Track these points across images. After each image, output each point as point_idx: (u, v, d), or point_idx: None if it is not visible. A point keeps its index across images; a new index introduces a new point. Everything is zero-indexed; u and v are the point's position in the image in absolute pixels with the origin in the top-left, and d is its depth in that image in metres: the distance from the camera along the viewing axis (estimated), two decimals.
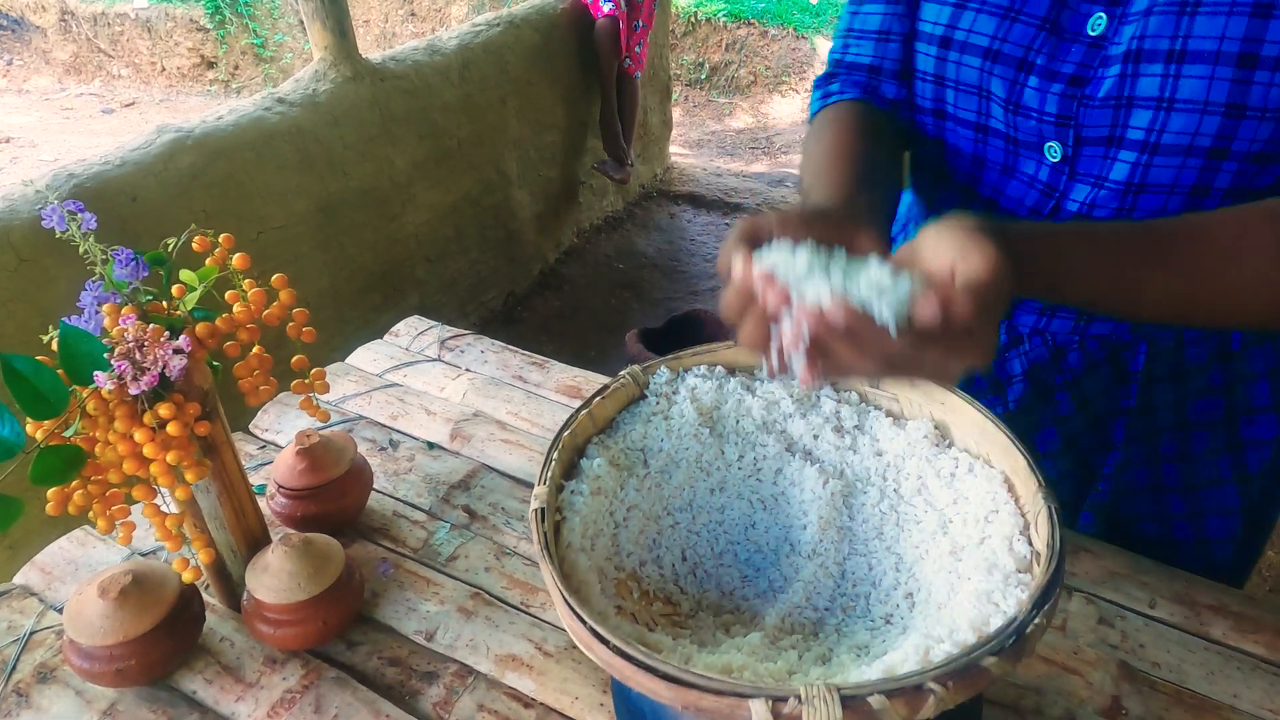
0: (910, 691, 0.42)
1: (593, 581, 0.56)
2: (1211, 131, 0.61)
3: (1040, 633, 0.46)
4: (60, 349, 0.61)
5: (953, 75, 0.74)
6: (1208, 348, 0.77)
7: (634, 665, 0.46)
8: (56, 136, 5.32)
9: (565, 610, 0.50)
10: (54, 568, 0.81)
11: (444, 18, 6.22)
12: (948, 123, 0.77)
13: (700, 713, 0.45)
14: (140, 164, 1.90)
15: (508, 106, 3.01)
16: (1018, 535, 0.54)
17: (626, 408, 0.68)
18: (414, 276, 2.76)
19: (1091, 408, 0.82)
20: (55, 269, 1.67)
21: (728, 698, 0.43)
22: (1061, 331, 0.79)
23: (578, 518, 0.59)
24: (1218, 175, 0.64)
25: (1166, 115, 0.62)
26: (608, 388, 0.66)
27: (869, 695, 0.42)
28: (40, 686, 0.70)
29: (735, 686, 0.44)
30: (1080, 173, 0.70)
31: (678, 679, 0.44)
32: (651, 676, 0.45)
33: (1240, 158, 0.62)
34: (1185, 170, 0.64)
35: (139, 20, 6.11)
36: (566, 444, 0.62)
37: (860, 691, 0.42)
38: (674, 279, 3.49)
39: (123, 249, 0.63)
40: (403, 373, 1.07)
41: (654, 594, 0.63)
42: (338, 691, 0.69)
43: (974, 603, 0.50)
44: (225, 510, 0.72)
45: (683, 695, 0.44)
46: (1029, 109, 0.69)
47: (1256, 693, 0.67)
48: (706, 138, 5.06)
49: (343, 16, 2.34)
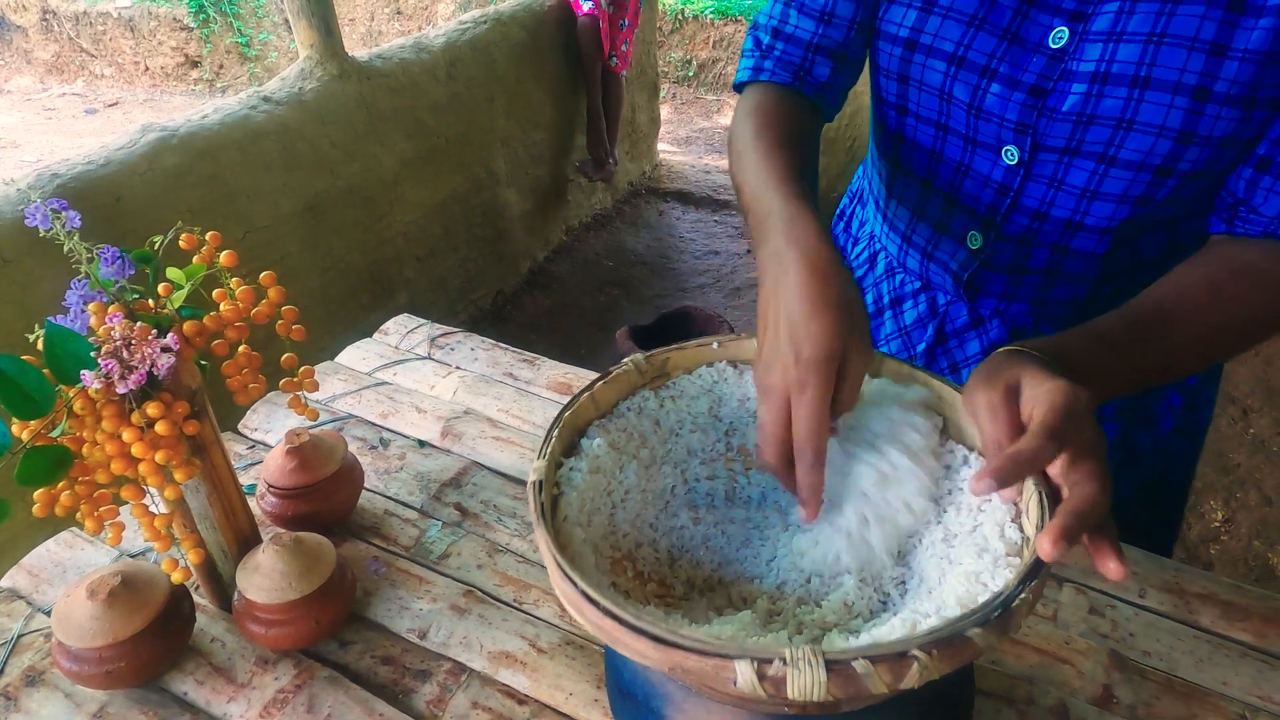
0: (894, 658, 0.43)
1: (587, 554, 0.56)
2: (1163, 153, 0.66)
3: (1027, 608, 0.46)
4: (46, 348, 0.60)
5: (917, 76, 0.75)
6: None
7: (623, 626, 0.46)
8: (39, 137, 5.27)
9: (557, 573, 0.50)
10: (41, 570, 0.80)
11: (430, 15, 6.19)
12: (908, 119, 0.79)
13: (686, 674, 0.45)
14: (125, 163, 1.88)
15: (495, 105, 3.00)
16: (1009, 522, 0.54)
17: (628, 395, 0.68)
18: (402, 275, 2.75)
19: None
20: (39, 270, 1.66)
21: (713, 659, 0.44)
22: (1020, 314, 0.82)
23: (575, 494, 0.59)
24: (1160, 190, 0.69)
25: (1125, 134, 0.66)
26: (610, 373, 0.66)
27: (853, 660, 0.43)
28: (29, 690, 0.69)
29: (721, 648, 0.44)
30: (1036, 174, 0.72)
31: (665, 639, 0.45)
32: (639, 637, 0.45)
33: (1181, 176, 0.67)
34: (1135, 183, 0.69)
35: (122, 19, 6.05)
36: (568, 423, 0.62)
37: (845, 656, 0.43)
38: (663, 276, 3.49)
39: (108, 247, 0.63)
40: (393, 371, 1.07)
41: (648, 575, 0.63)
42: (330, 691, 0.68)
43: (963, 583, 0.50)
44: (215, 510, 0.71)
45: (669, 656, 0.44)
46: (990, 114, 0.71)
47: (1245, 679, 0.68)
48: (695, 135, 5.06)
49: (329, 14, 2.32)
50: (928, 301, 0.87)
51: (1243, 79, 0.62)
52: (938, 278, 0.85)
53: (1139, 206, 0.70)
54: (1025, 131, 0.70)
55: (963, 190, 0.78)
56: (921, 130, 0.78)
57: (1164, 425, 0.87)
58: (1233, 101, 0.62)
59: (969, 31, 0.71)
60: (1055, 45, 0.68)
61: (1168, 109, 0.64)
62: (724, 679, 0.44)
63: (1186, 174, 0.67)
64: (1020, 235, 0.76)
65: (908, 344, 0.89)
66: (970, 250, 0.80)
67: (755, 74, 0.83)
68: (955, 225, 0.80)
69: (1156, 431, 0.87)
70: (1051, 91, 0.68)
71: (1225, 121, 0.63)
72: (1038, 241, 0.76)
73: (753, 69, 0.83)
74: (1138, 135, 0.66)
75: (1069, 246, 0.75)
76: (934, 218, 0.82)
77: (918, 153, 0.80)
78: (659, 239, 3.76)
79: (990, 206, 0.76)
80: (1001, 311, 0.83)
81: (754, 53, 0.84)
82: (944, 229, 0.81)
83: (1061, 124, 0.68)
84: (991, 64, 0.70)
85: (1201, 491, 2.18)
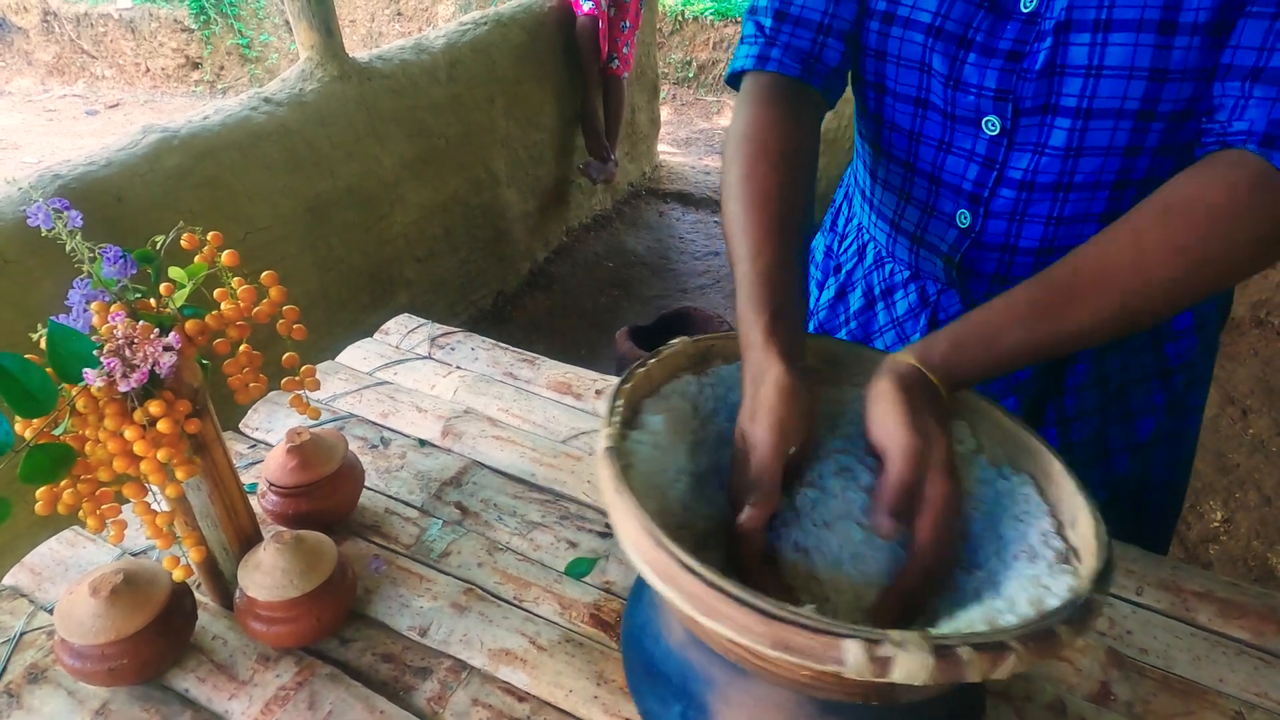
0: (995, 647, 0.44)
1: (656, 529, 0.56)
2: (1139, 95, 0.64)
3: (1100, 609, 0.48)
4: (49, 347, 0.60)
5: (895, 50, 0.74)
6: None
7: (728, 599, 0.45)
8: (40, 138, 5.28)
9: (647, 542, 0.49)
10: (43, 568, 0.81)
11: (430, 17, 6.20)
12: (887, 98, 0.78)
13: (789, 650, 0.44)
14: (126, 164, 1.88)
15: (496, 105, 3.01)
16: (1053, 533, 0.56)
17: (672, 376, 0.68)
18: (403, 276, 2.76)
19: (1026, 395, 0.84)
20: (40, 270, 1.66)
21: (823, 636, 0.44)
22: None
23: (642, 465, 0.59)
24: (1147, 136, 0.67)
25: (1096, 82, 0.65)
26: (662, 351, 0.67)
27: (958, 647, 0.44)
28: (31, 687, 0.70)
29: (832, 626, 0.44)
30: (1019, 142, 0.72)
31: (775, 614, 0.45)
32: (746, 611, 0.45)
33: (1166, 118, 0.65)
34: (1118, 133, 0.67)
35: (122, 21, 6.06)
36: (627, 395, 0.62)
37: (950, 642, 0.44)
38: (663, 277, 3.49)
39: (111, 246, 0.63)
40: (393, 370, 1.07)
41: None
42: (331, 688, 0.69)
43: (1024, 586, 0.52)
44: (217, 508, 0.71)
45: (776, 631, 0.44)
46: (968, 84, 0.71)
47: (1242, 676, 0.68)
48: (695, 136, 5.06)
49: (329, 15, 2.33)
50: (918, 291, 0.86)
51: (1209, 3, 0.60)
52: (928, 264, 0.84)
53: (1128, 158, 0.69)
54: (1005, 98, 0.70)
55: (946, 168, 0.77)
56: (900, 109, 0.77)
57: (1142, 426, 0.86)
58: (1202, 29, 0.60)
59: (946, 2, 0.70)
60: (1026, 9, 0.68)
61: (1134, 48, 0.62)
62: (830, 657, 0.44)
63: (1171, 115, 0.65)
64: (1009, 209, 0.75)
65: (901, 335, 0.88)
66: (960, 230, 0.79)
67: (760, 62, 0.77)
68: (942, 205, 0.79)
69: (1132, 433, 0.86)
70: (1027, 54, 0.68)
71: (1198, 52, 0.61)
72: (1028, 215, 0.75)
73: (757, 56, 0.77)
74: (1109, 81, 0.64)
75: (1061, 215, 0.74)
76: (920, 200, 0.81)
77: (897, 134, 0.79)
78: (659, 240, 3.77)
79: (976, 182, 0.75)
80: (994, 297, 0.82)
81: (756, 38, 0.78)
82: (931, 211, 0.80)
83: (1036, 83, 0.68)
84: (969, 33, 0.70)
85: (1201, 491, 2.18)
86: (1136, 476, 0.88)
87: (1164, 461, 0.90)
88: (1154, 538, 0.95)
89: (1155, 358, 0.83)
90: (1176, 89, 0.64)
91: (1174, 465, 0.92)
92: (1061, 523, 0.57)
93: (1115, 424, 0.86)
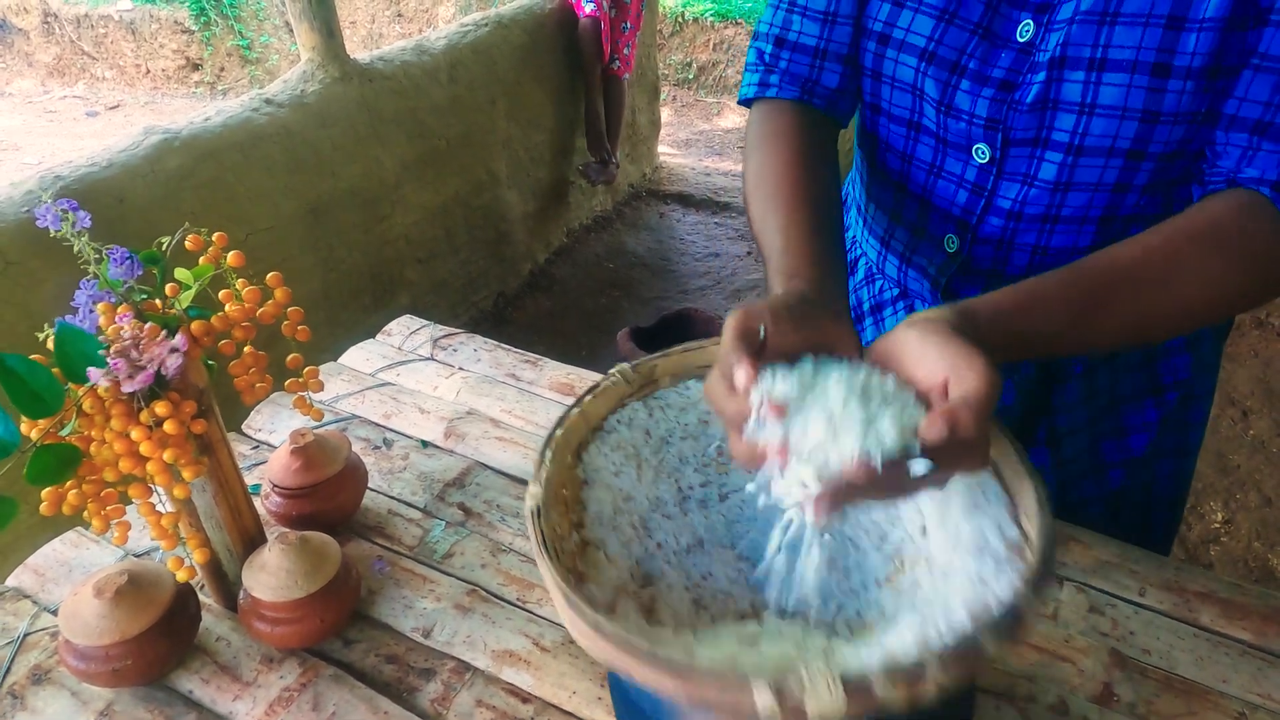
0: (910, 672, 0.43)
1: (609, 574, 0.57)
2: (1130, 135, 0.65)
3: (1034, 613, 0.46)
4: (56, 348, 0.61)
5: (889, 72, 0.74)
6: None
7: (636, 656, 0.46)
8: (40, 140, 5.28)
9: (561, 602, 0.50)
10: (47, 569, 0.81)
11: (431, 18, 6.21)
12: (882, 118, 0.78)
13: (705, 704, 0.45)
14: (127, 166, 1.89)
15: (496, 107, 3.01)
16: (1006, 521, 0.54)
17: (618, 406, 0.68)
18: (404, 277, 2.76)
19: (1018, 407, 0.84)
20: (43, 271, 1.66)
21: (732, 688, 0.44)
22: None
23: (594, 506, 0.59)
24: (1137, 174, 0.67)
25: (1089, 119, 0.65)
26: (599, 385, 0.67)
27: (870, 678, 0.43)
28: (35, 688, 0.70)
29: (738, 676, 0.44)
30: (1009, 172, 0.72)
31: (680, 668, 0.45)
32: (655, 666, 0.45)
33: (1156, 158, 0.66)
34: (1108, 170, 0.68)
35: (123, 22, 6.06)
36: (559, 443, 0.62)
37: (861, 675, 0.43)
38: (664, 278, 3.50)
39: (117, 247, 0.63)
40: (396, 372, 1.07)
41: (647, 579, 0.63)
42: (335, 689, 0.69)
43: (966, 584, 0.51)
44: (221, 509, 0.72)
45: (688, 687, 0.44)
46: (960, 111, 0.71)
47: (1244, 677, 0.68)
48: (695, 137, 5.07)
49: (330, 17, 2.33)
50: (906, 310, 0.86)
51: (1204, 49, 0.60)
52: (915, 284, 0.84)
53: (1117, 194, 0.69)
54: (995, 128, 0.70)
55: (936, 192, 0.77)
56: (894, 130, 0.78)
57: (1136, 441, 0.85)
58: (1196, 74, 0.60)
59: (940, 26, 0.70)
60: (1022, 39, 0.67)
61: (1127, 89, 0.62)
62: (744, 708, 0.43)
63: (1161, 156, 0.65)
64: (997, 237, 0.75)
65: None
66: (948, 254, 0.79)
67: (761, 89, 0.79)
68: (931, 228, 0.79)
69: (1126, 449, 0.85)
70: (1019, 85, 0.68)
71: (1190, 96, 0.61)
72: (1015, 244, 0.75)
73: (758, 84, 0.80)
74: (1101, 119, 0.64)
75: (1048, 246, 0.74)
76: (910, 221, 0.81)
77: (891, 154, 0.79)
78: (659, 241, 3.77)
79: (965, 208, 0.76)
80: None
81: (757, 66, 0.80)
82: (920, 233, 0.81)
83: (1028, 115, 0.67)
84: (962, 60, 0.70)
85: (1202, 492, 2.19)
86: (1137, 491, 0.88)
87: (1167, 475, 0.89)
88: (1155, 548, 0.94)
89: (1148, 375, 0.83)
90: (1168, 131, 0.64)
91: (1177, 479, 0.91)
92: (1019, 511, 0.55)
93: (1108, 439, 0.85)
